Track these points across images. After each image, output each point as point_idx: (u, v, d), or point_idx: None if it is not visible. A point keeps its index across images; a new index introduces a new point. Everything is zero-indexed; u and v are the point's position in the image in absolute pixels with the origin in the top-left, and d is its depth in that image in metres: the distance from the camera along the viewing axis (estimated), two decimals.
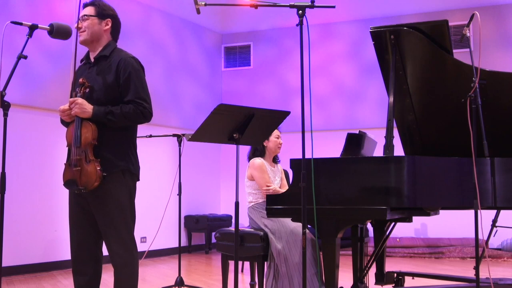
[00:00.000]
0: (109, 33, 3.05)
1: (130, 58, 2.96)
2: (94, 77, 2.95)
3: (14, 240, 5.98)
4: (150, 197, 7.69)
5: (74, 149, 2.82)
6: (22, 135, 6.32)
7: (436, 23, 3.48)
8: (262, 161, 4.25)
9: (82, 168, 2.80)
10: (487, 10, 8.15)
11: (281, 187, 4.30)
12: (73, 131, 2.84)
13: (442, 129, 3.76)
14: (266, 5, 2.99)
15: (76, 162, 2.80)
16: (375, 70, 4.15)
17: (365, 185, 3.05)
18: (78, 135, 2.82)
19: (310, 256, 3.76)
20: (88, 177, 2.79)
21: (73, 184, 2.80)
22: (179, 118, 8.67)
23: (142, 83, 2.94)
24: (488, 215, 3.31)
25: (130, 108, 2.85)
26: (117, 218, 2.87)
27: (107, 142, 2.88)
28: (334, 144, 5.23)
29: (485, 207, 3.08)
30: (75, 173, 2.80)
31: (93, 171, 2.79)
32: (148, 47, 8.11)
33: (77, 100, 2.83)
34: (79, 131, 2.82)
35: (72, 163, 2.82)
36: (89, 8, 3.03)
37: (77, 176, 2.80)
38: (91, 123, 2.83)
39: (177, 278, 4.78)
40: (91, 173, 2.79)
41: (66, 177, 2.86)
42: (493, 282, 3.47)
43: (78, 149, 2.82)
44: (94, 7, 3.02)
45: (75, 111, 2.83)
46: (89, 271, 2.94)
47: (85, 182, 2.79)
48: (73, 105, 2.84)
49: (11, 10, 6.26)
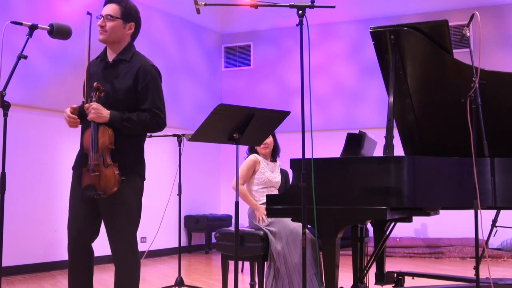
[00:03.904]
0: (130, 35, 2.99)
1: (150, 66, 2.93)
2: (111, 80, 2.91)
3: (14, 240, 5.98)
4: (150, 197, 7.64)
5: (92, 154, 2.78)
6: (22, 135, 6.32)
7: (436, 23, 3.48)
8: (256, 157, 4.26)
9: (100, 173, 2.77)
10: (487, 10, 8.15)
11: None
12: (91, 136, 2.80)
13: (442, 129, 3.76)
14: (266, 5, 2.99)
15: (94, 167, 2.77)
16: (375, 70, 4.15)
17: (365, 185, 3.05)
18: (95, 140, 2.79)
19: (310, 256, 3.76)
20: (107, 182, 2.76)
21: (92, 189, 2.77)
22: (179, 118, 8.67)
23: (159, 93, 2.93)
24: (488, 215, 3.31)
25: (147, 116, 2.85)
26: (126, 221, 2.88)
27: (124, 147, 2.86)
28: (334, 144, 5.23)
29: (485, 207, 3.08)
30: (94, 178, 2.77)
31: (111, 175, 2.77)
32: (148, 47, 8.10)
33: (92, 105, 2.79)
34: (96, 135, 2.79)
35: (90, 168, 2.78)
36: (114, 6, 2.91)
37: (96, 181, 2.76)
38: (107, 128, 2.80)
39: (177, 278, 4.78)
40: (110, 178, 2.76)
41: (85, 182, 2.81)
42: (493, 282, 3.47)
43: (96, 154, 2.78)
44: (120, 7, 2.91)
45: (91, 116, 2.79)
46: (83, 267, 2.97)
47: (104, 187, 2.76)
48: (89, 110, 2.80)
49: (11, 10, 6.27)
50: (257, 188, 4.24)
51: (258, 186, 4.23)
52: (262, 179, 4.23)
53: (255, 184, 4.24)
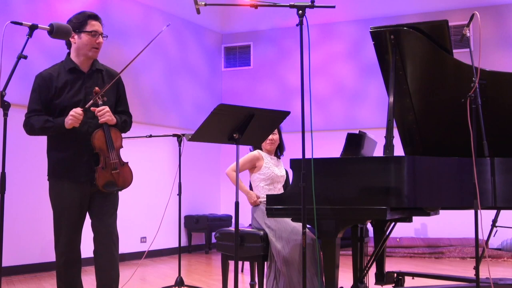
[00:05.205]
0: None
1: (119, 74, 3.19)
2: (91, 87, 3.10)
3: (14, 240, 5.98)
4: (150, 197, 7.70)
5: (111, 154, 3.02)
6: (22, 135, 6.30)
7: (436, 23, 3.48)
8: (259, 153, 4.24)
9: (120, 170, 3.05)
10: (487, 10, 8.15)
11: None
12: (105, 137, 3.01)
13: (442, 129, 3.76)
14: (266, 5, 2.99)
15: (115, 165, 3.02)
16: (375, 70, 4.15)
17: (365, 185, 3.05)
18: (111, 140, 3.03)
19: (311, 256, 3.75)
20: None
21: (113, 185, 3.03)
22: (179, 118, 8.67)
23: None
24: (488, 215, 3.31)
25: (128, 119, 3.24)
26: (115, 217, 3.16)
27: None
28: (334, 144, 5.23)
29: (485, 207, 3.08)
30: (114, 175, 3.02)
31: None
32: (148, 47, 8.10)
33: (106, 108, 3.01)
34: (111, 136, 3.03)
35: (112, 166, 3.02)
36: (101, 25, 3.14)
37: (116, 178, 3.03)
38: (116, 129, 3.10)
39: (177, 278, 4.78)
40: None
41: (103, 180, 3.01)
42: (493, 282, 3.47)
43: (113, 153, 3.02)
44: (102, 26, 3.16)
45: (107, 118, 3.02)
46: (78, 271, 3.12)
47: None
48: (102, 113, 3.00)
49: (11, 10, 6.27)
50: (263, 184, 4.19)
51: (264, 182, 4.18)
52: (268, 174, 4.18)
53: (260, 180, 4.19)
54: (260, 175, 4.19)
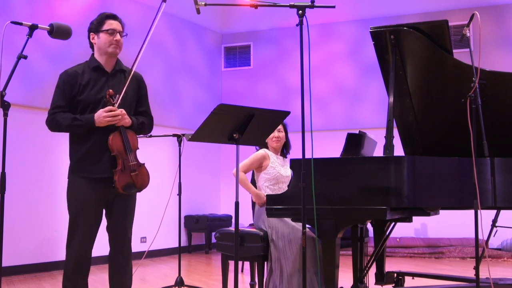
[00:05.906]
0: None
1: (141, 76, 3.27)
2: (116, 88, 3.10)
3: (14, 240, 5.98)
4: (150, 197, 7.67)
5: (129, 156, 3.03)
6: (22, 135, 6.32)
7: (436, 23, 3.48)
8: (266, 152, 4.19)
9: (139, 172, 3.07)
10: (487, 10, 8.15)
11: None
12: (122, 140, 3.02)
13: (442, 129, 3.76)
14: (266, 5, 2.99)
15: (134, 167, 3.05)
16: (375, 70, 4.15)
17: (365, 185, 3.05)
18: (129, 142, 3.05)
19: (310, 256, 3.75)
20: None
21: (133, 187, 3.06)
22: (179, 118, 8.67)
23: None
24: (488, 215, 3.31)
25: (146, 120, 3.23)
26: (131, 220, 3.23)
27: None
28: (334, 144, 5.22)
29: (485, 207, 3.08)
30: (133, 177, 3.04)
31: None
32: (148, 47, 8.07)
33: (123, 110, 3.02)
34: (127, 138, 3.05)
35: (131, 168, 3.04)
36: (119, 23, 3.19)
37: (135, 180, 3.05)
38: (132, 131, 3.11)
39: (177, 278, 4.78)
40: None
41: (123, 182, 3.02)
42: (493, 282, 3.47)
43: (131, 156, 3.04)
44: (122, 24, 3.21)
45: (125, 121, 3.04)
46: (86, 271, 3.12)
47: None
48: (122, 115, 3.01)
49: (11, 10, 6.27)
50: (268, 184, 4.15)
51: (269, 182, 4.14)
52: (273, 174, 4.13)
53: (265, 180, 4.15)
54: (265, 175, 4.15)
